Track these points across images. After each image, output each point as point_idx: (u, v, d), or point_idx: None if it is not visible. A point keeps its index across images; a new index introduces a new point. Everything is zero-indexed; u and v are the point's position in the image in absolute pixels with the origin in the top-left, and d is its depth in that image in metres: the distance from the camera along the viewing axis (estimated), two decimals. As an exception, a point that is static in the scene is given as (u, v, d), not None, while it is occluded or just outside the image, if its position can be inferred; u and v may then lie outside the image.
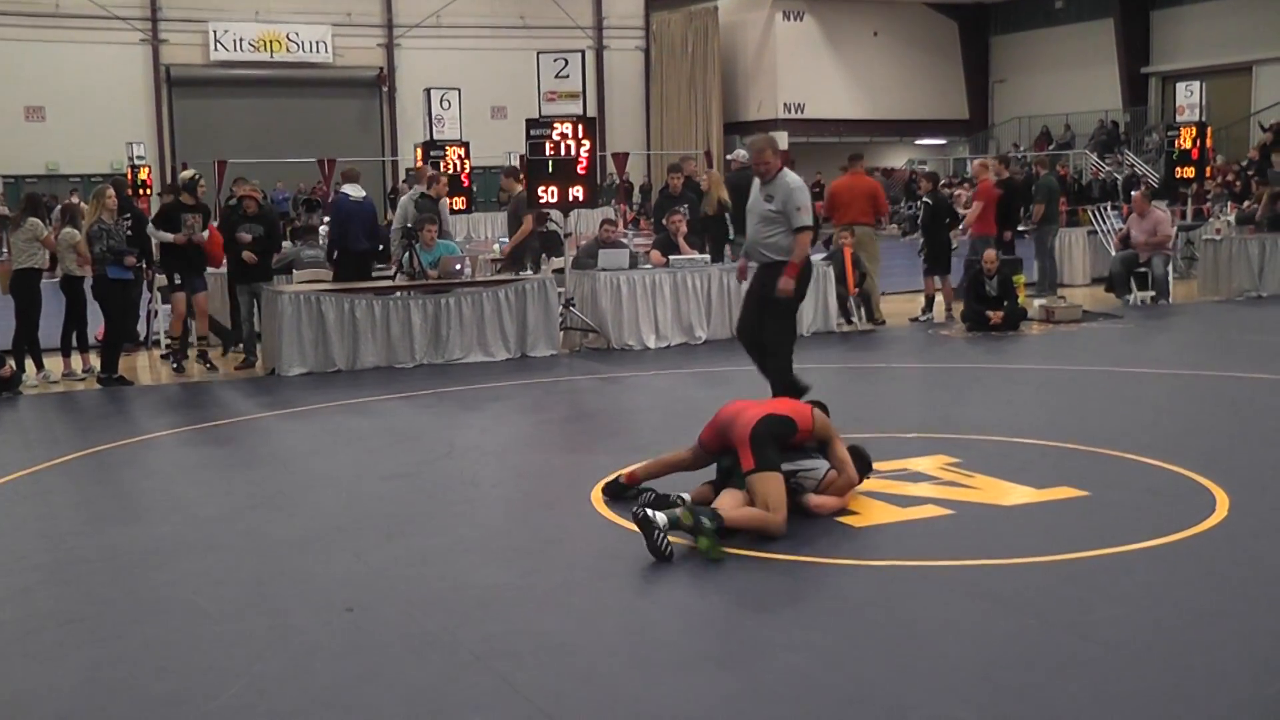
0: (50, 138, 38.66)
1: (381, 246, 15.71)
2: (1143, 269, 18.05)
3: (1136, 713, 4.55)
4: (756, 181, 9.73)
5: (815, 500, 7.16)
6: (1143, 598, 5.75)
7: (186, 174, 14.65)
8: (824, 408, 7.58)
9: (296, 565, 6.59)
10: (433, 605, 5.87)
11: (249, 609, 5.90)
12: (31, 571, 6.62)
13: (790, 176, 9.60)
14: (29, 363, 12.94)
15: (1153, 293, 17.91)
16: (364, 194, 15.02)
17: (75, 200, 15.20)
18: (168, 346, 13.75)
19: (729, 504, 6.89)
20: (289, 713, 4.73)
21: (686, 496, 7.19)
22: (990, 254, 15.64)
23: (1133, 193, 19.19)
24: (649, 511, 6.54)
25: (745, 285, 10.55)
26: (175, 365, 13.50)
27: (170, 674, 5.12)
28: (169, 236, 13.38)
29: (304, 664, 5.19)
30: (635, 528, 6.90)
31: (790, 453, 7.21)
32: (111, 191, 13.18)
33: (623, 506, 7.37)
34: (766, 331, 9.78)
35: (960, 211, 18.63)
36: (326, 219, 16.88)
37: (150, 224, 13.60)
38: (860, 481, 7.45)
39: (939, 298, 16.81)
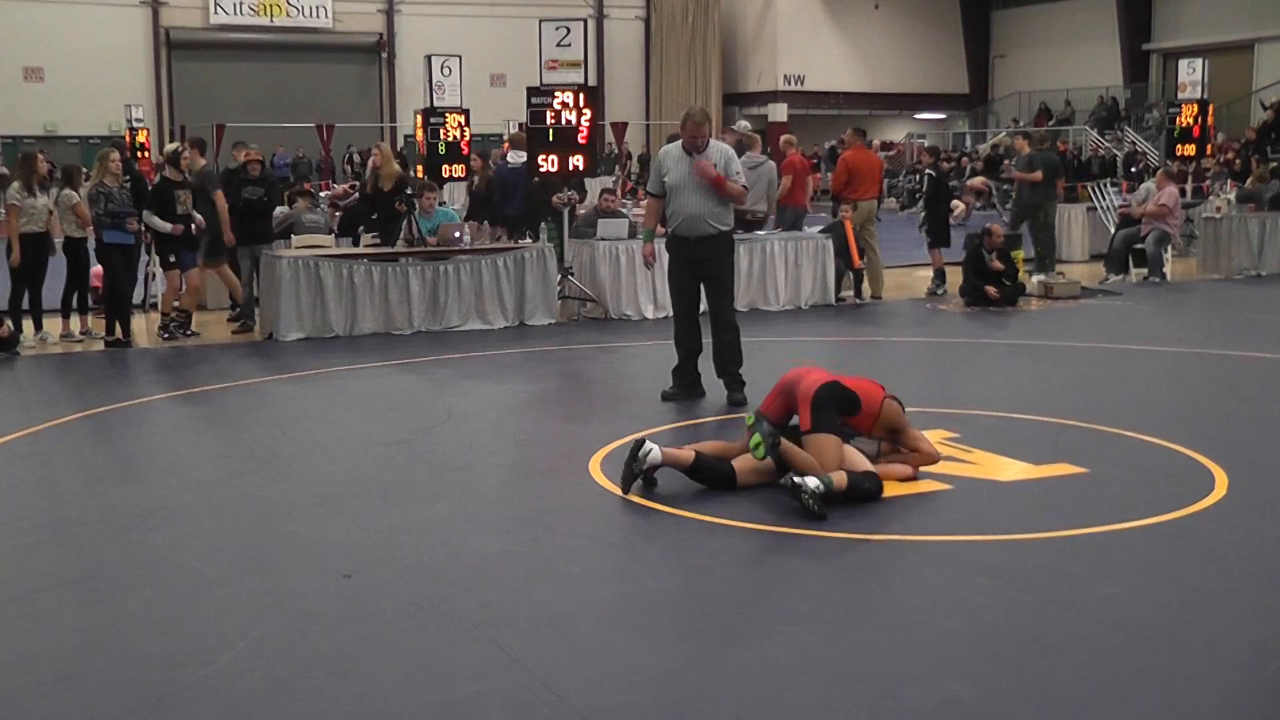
0: (49, 98, 38.49)
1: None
2: (1143, 246, 18.06)
3: (1134, 689, 4.55)
4: (675, 154, 9.78)
5: (883, 467, 7.22)
6: (1141, 575, 5.75)
7: (170, 147, 14.55)
8: (899, 403, 7.55)
9: (294, 531, 6.58)
10: (430, 572, 5.87)
11: (247, 573, 5.90)
12: (30, 533, 6.62)
13: (721, 144, 9.97)
14: (28, 323, 12.95)
15: (1145, 270, 17.92)
16: (524, 159, 15.52)
17: (45, 164, 14.91)
18: (163, 323, 13.65)
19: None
20: (285, 678, 4.73)
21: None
22: (996, 229, 15.67)
23: (1159, 169, 19.22)
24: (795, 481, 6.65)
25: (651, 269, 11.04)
26: (167, 336, 13.42)
27: (167, 637, 5.11)
28: (166, 227, 13.27)
29: (301, 629, 5.19)
30: (633, 496, 6.94)
31: (845, 430, 7.25)
32: (116, 155, 13.07)
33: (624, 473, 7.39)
34: (720, 304, 9.85)
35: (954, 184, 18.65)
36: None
37: (146, 210, 13.43)
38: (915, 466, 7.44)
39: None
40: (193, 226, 13.52)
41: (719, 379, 9.84)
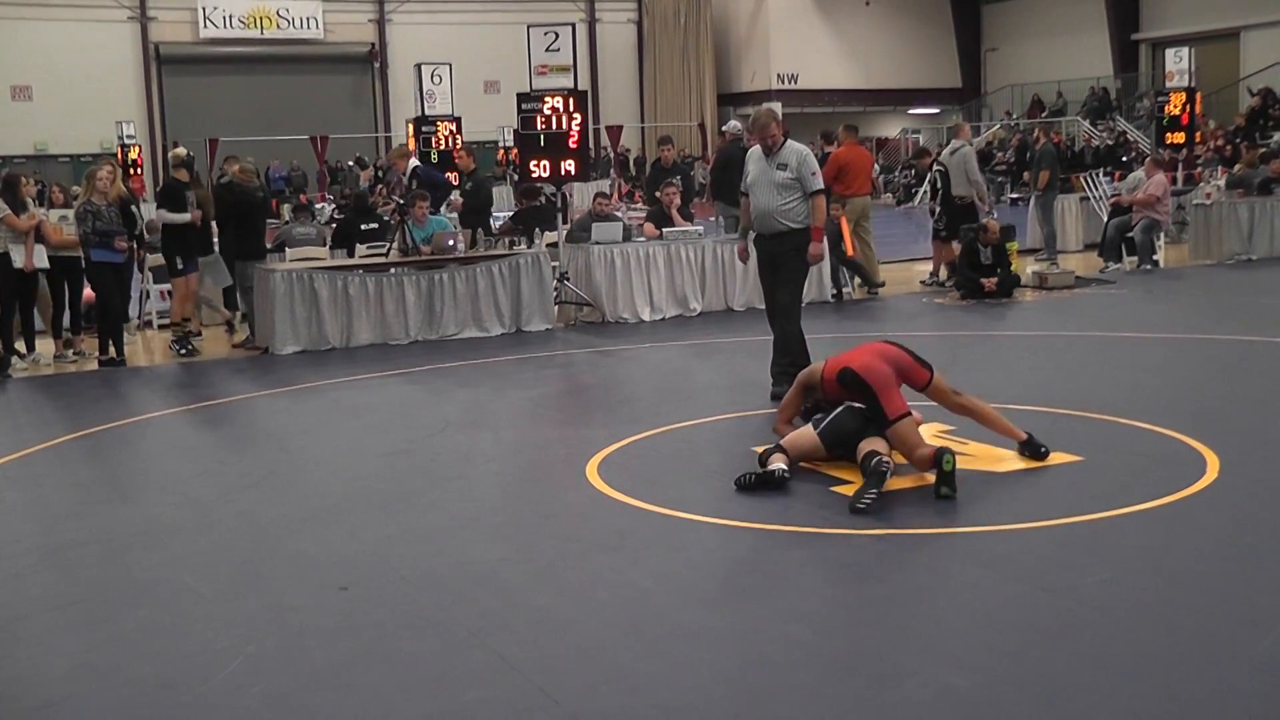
0: (38, 117, 38.48)
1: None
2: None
3: (1132, 675, 4.55)
4: (755, 154, 9.80)
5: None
6: (1136, 560, 5.75)
7: (182, 151, 14.51)
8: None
9: (291, 545, 6.57)
10: (428, 582, 5.86)
11: (243, 589, 5.89)
12: (23, 556, 6.59)
13: (798, 144, 9.91)
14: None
15: (1134, 259, 17.94)
16: None
17: (30, 185, 14.85)
18: (175, 335, 13.59)
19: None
20: (284, 693, 4.71)
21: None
22: (992, 223, 15.67)
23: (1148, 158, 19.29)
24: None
25: (747, 265, 10.80)
26: (183, 350, 13.33)
27: (163, 656, 5.10)
28: (185, 218, 13.30)
29: (299, 643, 5.18)
30: (630, 500, 6.93)
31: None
32: (103, 172, 13.04)
33: (624, 479, 7.38)
34: (779, 297, 9.89)
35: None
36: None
37: (158, 210, 13.43)
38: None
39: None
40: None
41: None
